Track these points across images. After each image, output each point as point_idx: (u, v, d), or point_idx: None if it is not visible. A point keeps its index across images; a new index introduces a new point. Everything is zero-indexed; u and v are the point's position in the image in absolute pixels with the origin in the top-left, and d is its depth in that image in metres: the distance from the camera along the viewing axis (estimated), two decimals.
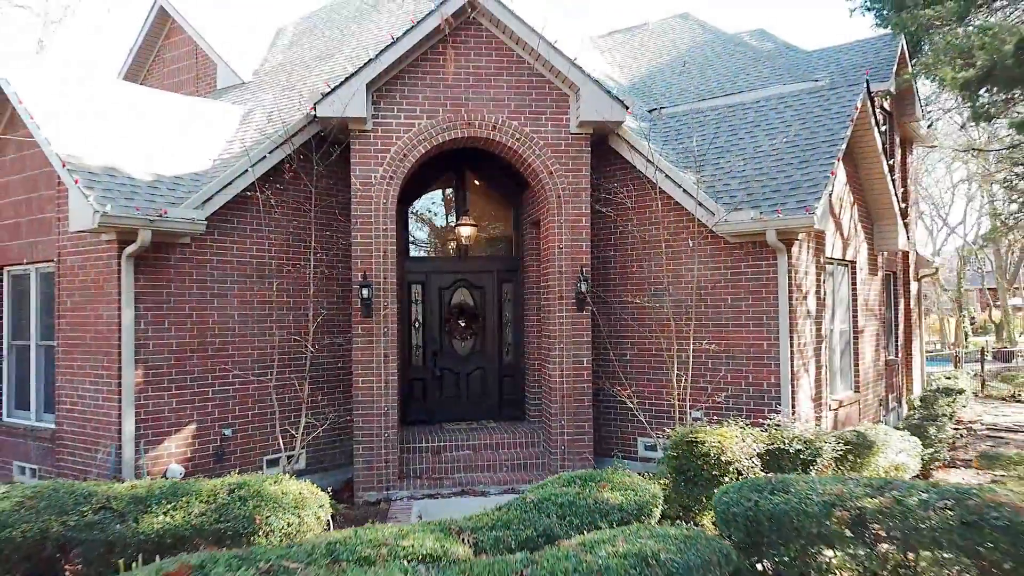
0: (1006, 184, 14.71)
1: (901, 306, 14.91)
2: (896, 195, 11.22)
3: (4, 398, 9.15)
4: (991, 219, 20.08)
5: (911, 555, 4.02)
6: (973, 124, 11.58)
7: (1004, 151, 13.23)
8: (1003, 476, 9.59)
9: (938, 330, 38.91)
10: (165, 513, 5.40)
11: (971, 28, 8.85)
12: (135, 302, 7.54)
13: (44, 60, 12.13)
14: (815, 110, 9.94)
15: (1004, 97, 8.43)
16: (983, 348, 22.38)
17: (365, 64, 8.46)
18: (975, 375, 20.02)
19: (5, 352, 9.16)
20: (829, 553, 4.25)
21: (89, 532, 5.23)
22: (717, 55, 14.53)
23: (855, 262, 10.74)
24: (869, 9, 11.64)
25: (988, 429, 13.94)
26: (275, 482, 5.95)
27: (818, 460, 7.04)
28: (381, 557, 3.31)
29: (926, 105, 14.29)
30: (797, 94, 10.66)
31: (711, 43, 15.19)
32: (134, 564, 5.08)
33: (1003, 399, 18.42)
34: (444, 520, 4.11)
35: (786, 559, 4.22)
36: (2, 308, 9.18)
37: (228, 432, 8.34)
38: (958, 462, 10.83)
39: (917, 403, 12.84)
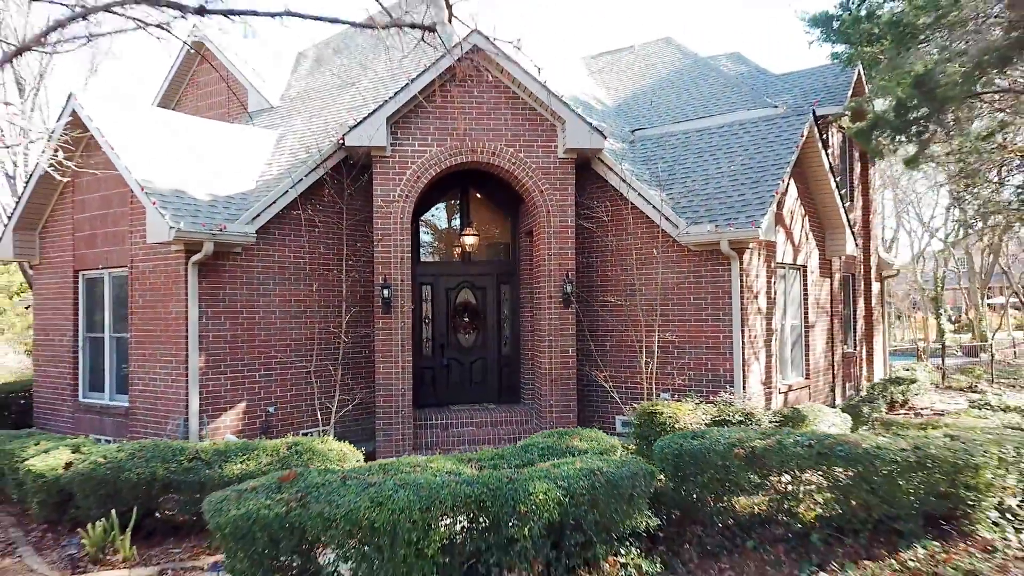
0: (956, 196, 16.32)
1: (860, 304, 16.57)
2: (843, 207, 12.84)
3: (80, 381, 10.82)
4: (954, 225, 21.64)
5: (788, 478, 5.68)
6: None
7: (955, 163, 14.87)
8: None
9: (922, 327, 40.65)
10: (242, 462, 7.06)
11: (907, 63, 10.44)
12: (199, 301, 9.20)
13: (97, 88, 13.73)
14: (768, 136, 11.59)
15: (889, 142, 10.08)
16: (944, 344, 24.01)
17: (385, 102, 10.11)
18: (936, 368, 21.66)
19: (80, 343, 10.82)
20: (734, 483, 5.91)
21: (186, 475, 6.90)
22: (694, 80, 16.18)
23: (806, 266, 12.39)
24: (825, 41, 13.25)
25: (935, 413, 15.57)
26: (322, 442, 7.61)
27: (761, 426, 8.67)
28: (417, 471, 4.96)
29: None
30: (755, 121, 12.31)
31: (689, 68, 16.84)
32: None
33: (961, 390, 20.03)
34: (457, 455, 5.77)
35: (702, 485, 5.87)
36: (78, 306, 10.84)
37: (271, 409, 10.00)
38: None
39: (869, 389, 14.47)
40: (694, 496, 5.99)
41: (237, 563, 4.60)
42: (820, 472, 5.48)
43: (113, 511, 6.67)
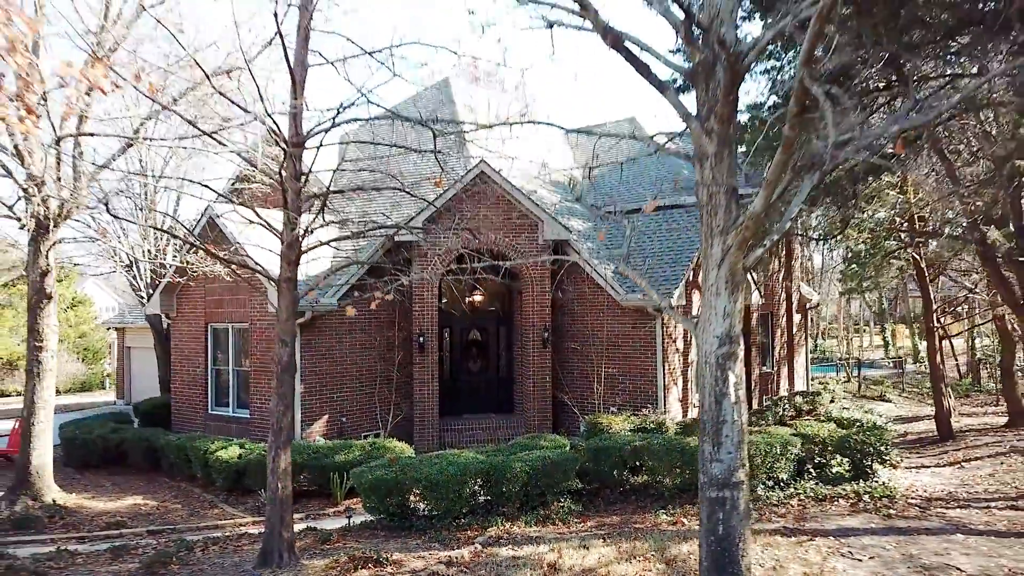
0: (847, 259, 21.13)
1: (779, 334, 21.35)
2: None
3: (209, 399, 15.63)
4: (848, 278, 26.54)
5: (656, 462, 10.49)
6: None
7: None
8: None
9: (883, 341, 45.59)
10: (344, 453, 11.85)
11: None
12: (301, 348, 13.99)
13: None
14: (688, 224, 16.37)
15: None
16: (859, 358, 28.79)
17: (421, 210, 14.89)
18: (854, 379, 26.45)
19: (208, 372, 15.63)
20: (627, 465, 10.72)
21: (313, 461, 11.71)
22: (650, 161, 20.93)
23: None
24: (738, 143, 18.03)
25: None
26: (389, 441, 12.43)
27: (666, 433, 13.44)
28: (456, 457, 9.75)
29: None
30: (681, 210, 17.09)
31: (646, 150, 21.59)
32: (334, 475, 11.54)
33: (872, 399, 24.83)
34: (476, 449, 10.58)
35: (610, 466, 10.64)
36: (207, 347, 15.65)
37: (344, 420, 14.80)
38: None
39: (769, 402, 19.23)
40: (605, 473, 10.78)
41: (370, 503, 9.41)
42: (671, 457, 10.28)
43: None
